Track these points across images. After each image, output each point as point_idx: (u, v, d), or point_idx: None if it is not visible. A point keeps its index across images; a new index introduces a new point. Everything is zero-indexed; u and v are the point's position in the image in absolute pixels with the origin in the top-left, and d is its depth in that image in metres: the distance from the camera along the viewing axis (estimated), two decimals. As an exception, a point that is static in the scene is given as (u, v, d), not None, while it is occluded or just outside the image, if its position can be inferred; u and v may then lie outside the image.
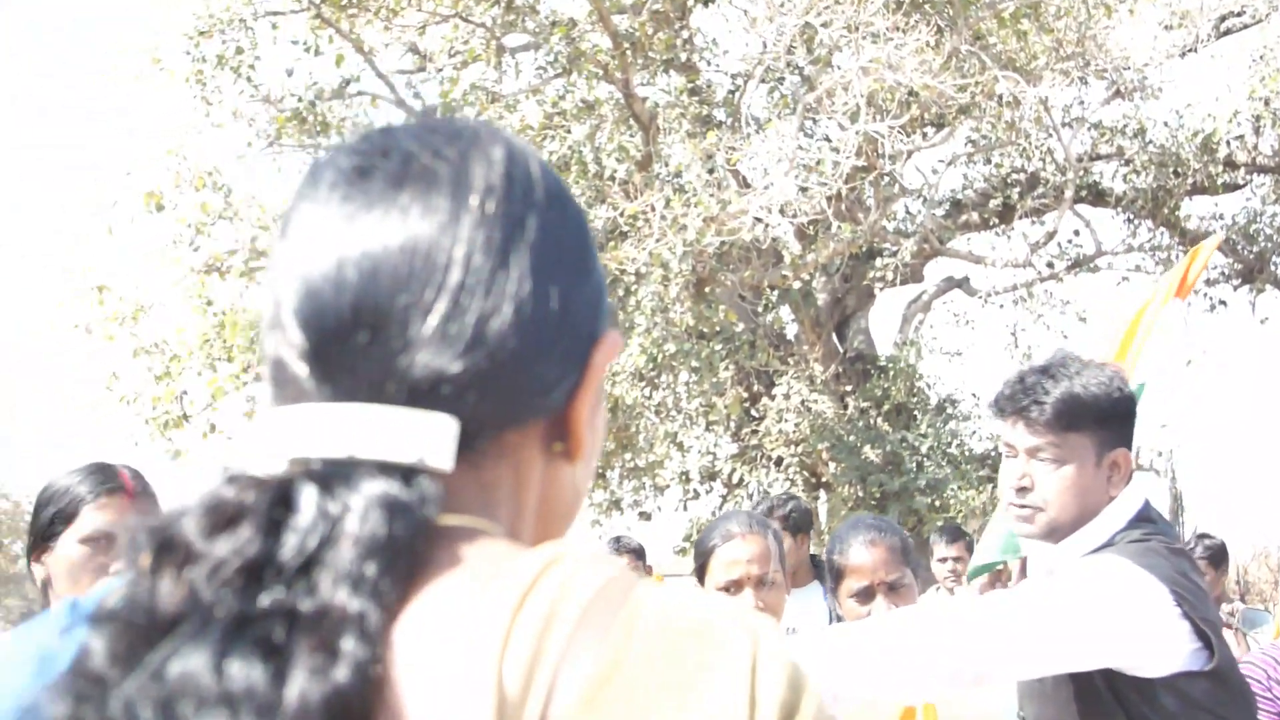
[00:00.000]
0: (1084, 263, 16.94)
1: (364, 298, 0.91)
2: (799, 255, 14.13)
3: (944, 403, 16.88)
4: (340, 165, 0.99)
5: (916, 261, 15.82)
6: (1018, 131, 13.98)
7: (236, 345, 14.60)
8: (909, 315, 17.48)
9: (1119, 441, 2.96)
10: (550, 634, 0.82)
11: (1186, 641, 2.71)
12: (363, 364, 0.90)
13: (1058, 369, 2.97)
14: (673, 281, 12.87)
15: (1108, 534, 2.90)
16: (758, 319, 15.71)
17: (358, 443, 0.88)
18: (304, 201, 0.99)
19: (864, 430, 15.57)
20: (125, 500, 2.72)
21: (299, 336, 0.92)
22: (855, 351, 16.66)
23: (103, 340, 15.20)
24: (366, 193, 0.95)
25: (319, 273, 0.92)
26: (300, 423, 0.90)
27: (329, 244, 0.93)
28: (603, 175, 13.67)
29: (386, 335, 0.90)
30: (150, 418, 15.22)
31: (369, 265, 0.91)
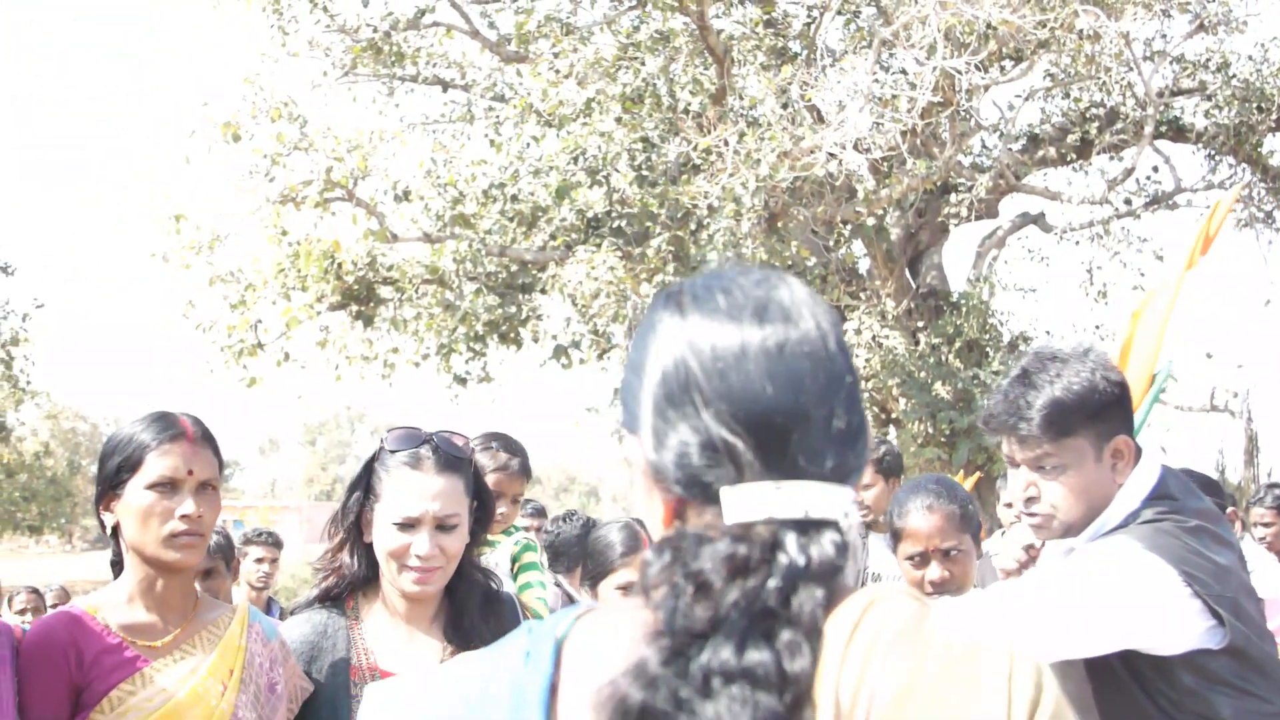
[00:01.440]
0: (1162, 199, 16.71)
1: (795, 410, 1.30)
2: (873, 190, 14.01)
3: (1017, 340, 16.74)
4: (735, 295, 1.37)
5: (991, 197, 15.65)
6: (1097, 66, 13.73)
7: (310, 275, 14.72)
8: (983, 251, 17.33)
9: (1116, 430, 2.94)
10: (871, 659, 1.21)
11: (1198, 620, 2.71)
12: (794, 452, 1.30)
13: (1037, 376, 2.94)
14: (745, 216, 12.82)
15: (1120, 516, 2.90)
16: (830, 254, 15.64)
17: (812, 506, 1.28)
18: (709, 319, 1.36)
19: (935, 367, 15.49)
20: (187, 446, 2.79)
21: (744, 433, 1.29)
22: (928, 287, 16.55)
23: (179, 269, 15.36)
24: (771, 322, 1.34)
25: (758, 387, 1.30)
26: (771, 495, 1.28)
27: (758, 364, 1.31)
28: (676, 109, 13.60)
29: (809, 432, 1.30)
30: (225, 345, 15.41)
31: (795, 384, 1.31)
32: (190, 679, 2.75)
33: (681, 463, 1.32)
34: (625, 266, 13.61)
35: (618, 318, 13.63)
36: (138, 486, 2.78)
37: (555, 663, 1.33)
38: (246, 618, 2.93)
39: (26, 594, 8.11)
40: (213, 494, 2.83)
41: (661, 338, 1.38)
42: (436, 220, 15.29)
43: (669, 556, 1.27)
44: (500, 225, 15.07)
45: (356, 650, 2.97)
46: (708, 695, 1.18)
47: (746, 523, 1.27)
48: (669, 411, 1.34)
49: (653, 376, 1.37)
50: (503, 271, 15.34)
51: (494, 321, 14.95)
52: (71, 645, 2.70)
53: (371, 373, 16.03)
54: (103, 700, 2.67)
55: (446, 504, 2.93)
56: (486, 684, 1.35)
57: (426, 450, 2.96)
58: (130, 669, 2.72)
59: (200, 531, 2.78)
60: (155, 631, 2.80)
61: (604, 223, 14.32)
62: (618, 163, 13.92)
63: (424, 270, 14.96)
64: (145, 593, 2.83)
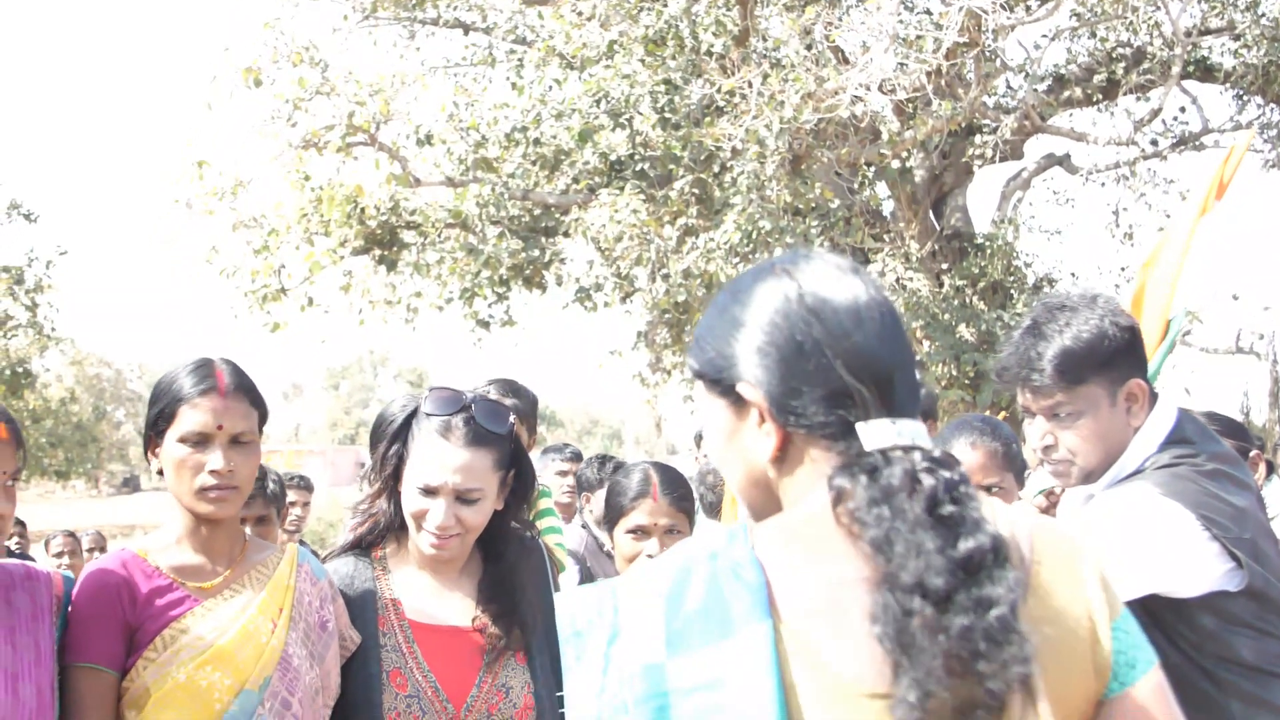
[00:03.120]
0: (1189, 140, 16.52)
1: (898, 362, 1.63)
2: (897, 132, 13.91)
3: (1041, 282, 16.65)
4: (830, 264, 1.70)
5: (1017, 138, 15.52)
6: (1124, 5, 13.59)
7: (333, 220, 14.71)
8: (1008, 193, 17.21)
9: (1129, 374, 2.94)
10: (1019, 544, 1.60)
11: (1217, 562, 2.73)
12: (898, 395, 1.62)
13: (1046, 326, 2.95)
14: (769, 158, 12.75)
15: (1138, 461, 2.91)
16: (854, 196, 15.54)
17: (915, 437, 1.59)
18: (819, 284, 1.66)
19: (959, 309, 15.43)
20: (218, 400, 2.79)
21: (868, 382, 1.60)
22: (952, 229, 16.46)
23: (203, 214, 15.36)
24: (868, 287, 1.67)
25: (875, 345, 1.62)
26: (889, 429, 1.58)
27: (870, 325, 1.62)
28: (699, 50, 13.50)
29: (905, 380, 1.63)
30: (249, 290, 15.43)
31: (895, 342, 1.64)
32: (240, 618, 2.79)
33: (818, 406, 1.60)
34: (648, 209, 13.57)
35: (640, 261, 13.60)
36: (171, 438, 2.81)
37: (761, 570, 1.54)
38: (295, 557, 2.97)
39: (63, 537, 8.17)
40: (247, 447, 2.83)
41: (781, 304, 1.65)
42: (459, 164, 15.23)
43: (861, 476, 1.55)
44: (523, 169, 15.02)
45: (384, 599, 2.99)
46: (968, 571, 1.47)
47: (884, 448, 1.57)
48: (803, 364, 1.61)
49: (773, 334, 1.64)
50: (526, 215, 15.30)
51: (517, 265, 14.93)
52: (125, 586, 2.74)
53: (394, 317, 16.04)
54: (155, 639, 2.71)
55: (469, 478, 2.91)
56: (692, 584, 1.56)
57: (460, 420, 2.95)
58: (181, 609, 2.76)
59: (232, 484, 2.79)
60: (205, 573, 2.84)
61: (627, 166, 14.27)
62: (640, 105, 13.84)
63: (447, 214, 14.93)
64: (192, 535, 2.87)
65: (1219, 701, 2.79)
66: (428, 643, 2.94)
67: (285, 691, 2.75)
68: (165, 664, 2.68)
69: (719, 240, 12.87)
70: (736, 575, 1.52)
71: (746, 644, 1.46)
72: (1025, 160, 17.11)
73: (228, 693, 2.69)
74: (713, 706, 1.45)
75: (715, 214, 13.55)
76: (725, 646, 1.47)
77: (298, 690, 2.77)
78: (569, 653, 1.58)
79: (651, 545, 3.50)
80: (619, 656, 1.52)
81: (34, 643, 2.64)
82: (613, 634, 1.54)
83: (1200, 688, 2.79)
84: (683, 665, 1.48)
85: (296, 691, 2.77)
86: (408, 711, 2.83)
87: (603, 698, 1.51)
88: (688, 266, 13.08)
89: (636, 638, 1.52)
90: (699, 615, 1.50)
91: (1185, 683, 2.81)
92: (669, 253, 13.49)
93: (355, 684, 2.89)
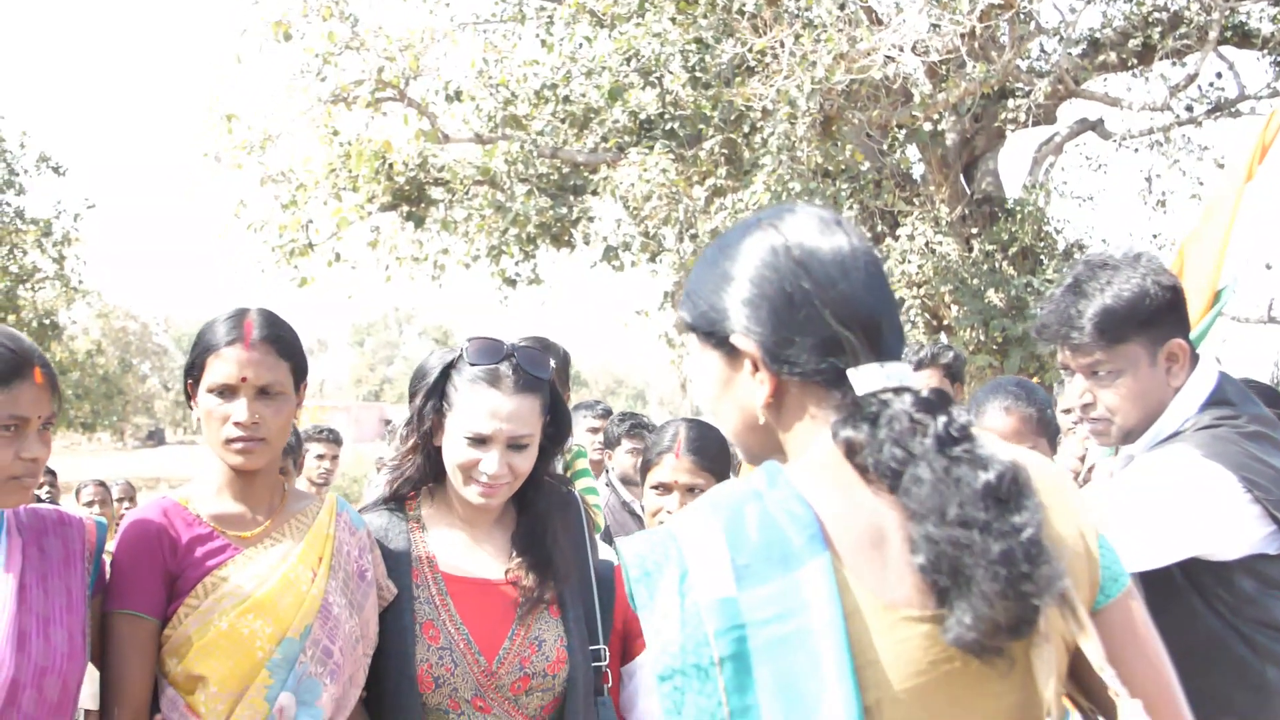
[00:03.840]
0: (1225, 107, 16.35)
1: (884, 310, 1.72)
2: (929, 94, 13.82)
3: (1072, 248, 16.54)
4: (815, 215, 1.78)
5: (1050, 102, 15.39)
6: (1162, -32, 13.45)
7: (361, 175, 14.70)
8: (1040, 157, 17.07)
9: (1170, 333, 2.91)
10: None
11: (1258, 525, 2.71)
12: (884, 341, 1.70)
13: (1087, 284, 2.93)
14: (800, 119, 12.69)
15: (1177, 423, 2.89)
16: (884, 159, 15.44)
17: (903, 379, 1.68)
18: (805, 236, 1.74)
19: (988, 274, 15.35)
20: (243, 351, 2.77)
21: (857, 329, 1.68)
22: (983, 193, 16.35)
23: (231, 168, 15.37)
24: (852, 237, 1.75)
25: (862, 294, 1.71)
26: (878, 372, 1.67)
27: (857, 275, 1.71)
28: (731, 9, 13.42)
29: (891, 326, 1.72)
30: (277, 245, 15.46)
31: (881, 291, 1.73)
32: (280, 566, 2.79)
33: (810, 354, 1.69)
34: (677, 169, 13.52)
35: (669, 220, 13.57)
36: (203, 388, 2.81)
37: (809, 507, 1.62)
38: (334, 506, 2.97)
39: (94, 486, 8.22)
40: (276, 399, 2.80)
41: (770, 257, 1.73)
42: (488, 121, 15.20)
43: (864, 425, 1.65)
44: (552, 126, 14.98)
45: (418, 553, 3.00)
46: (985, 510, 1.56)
47: (875, 391, 1.66)
48: (793, 315, 1.70)
49: (762, 285, 1.72)
50: (554, 173, 15.27)
51: (545, 223, 14.90)
52: (165, 534, 2.75)
53: (421, 274, 16.05)
54: (196, 587, 2.72)
55: (520, 424, 2.91)
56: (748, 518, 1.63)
57: (507, 368, 2.94)
58: (222, 558, 2.77)
59: (259, 436, 2.78)
60: (245, 522, 2.85)
61: (656, 125, 14.21)
62: (671, 64, 13.77)
63: (475, 171, 14.91)
64: (231, 485, 2.87)
65: (1255, 667, 2.78)
66: (461, 595, 2.95)
67: (326, 640, 2.76)
68: (207, 612, 2.70)
69: (748, 201, 12.82)
70: (789, 512, 1.60)
71: (810, 575, 1.55)
72: (1058, 125, 16.97)
73: (270, 641, 2.70)
74: (785, 636, 1.53)
75: (744, 175, 13.49)
76: (791, 579, 1.55)
77: (338, 638, 2.78)
78: (641, 593, 1.63)
79: (671, 502, 3.48)
80: (692, 592, 1.57)
81: (65, 587, 2.65)
82: (682, 572, 1.60)
83: (1237, 653, 2.78)
84: (754, 598, 1.55)
85: (337, 640, 2.78)
86: (440, 663, 2.84)
87: (685, 630, 1.56)
88: (716, 227, 13.03)
89: (705, 574, 1.58)
90: (762, 550, 1.58)
91: (1222, 647, 2.79)
92: (697, 213, 13.45)
93: (389, 636, 2.90)
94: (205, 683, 2.67)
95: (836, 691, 1.50)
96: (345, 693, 2.81)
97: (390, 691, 2.88)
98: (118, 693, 2.69)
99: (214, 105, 15.27)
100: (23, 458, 2.55)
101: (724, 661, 1.53)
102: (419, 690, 2.83)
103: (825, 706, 1.50)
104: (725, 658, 1.53)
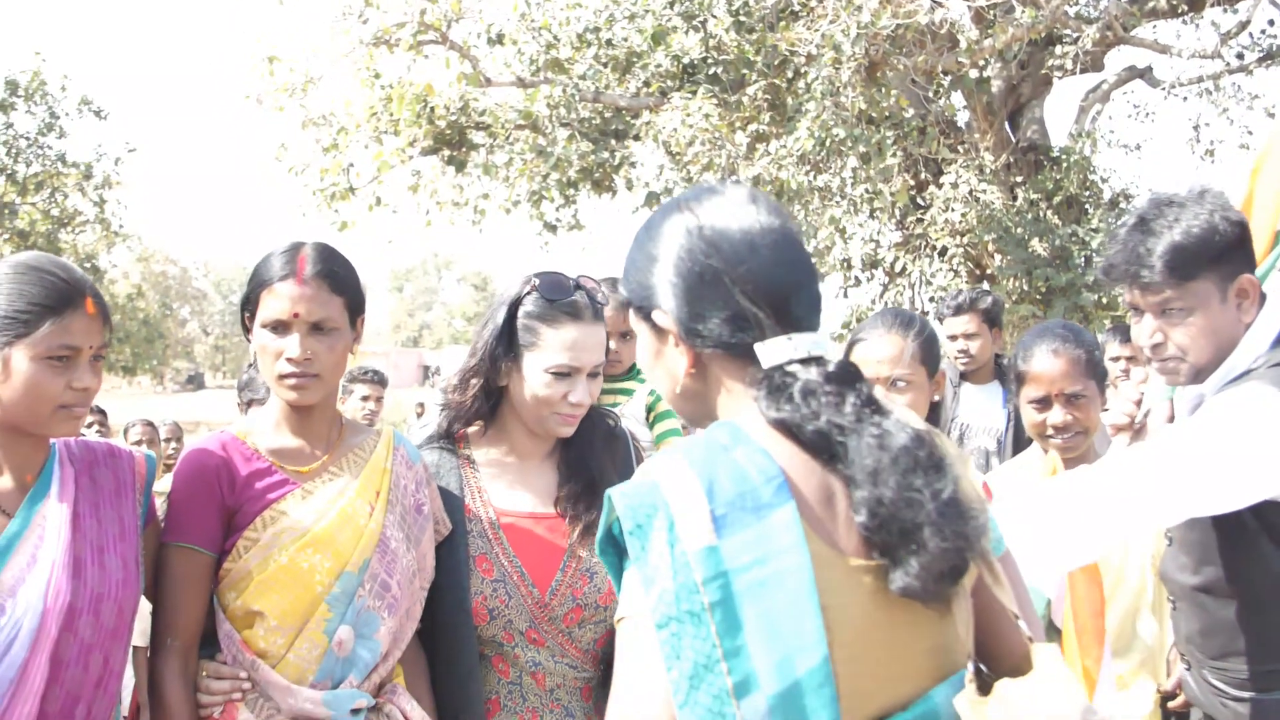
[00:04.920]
0: (1277, 55, 16.13)
1: (794, 285, 1.84)
2: (975, 40, 13.65)
3: (1118, 197, 16.38)
4: (732, 196, 1.91)
5: (1098, 49, 15.20)
6: (1216, -89, 13.23)
7: (403, 119, 14.67)
8: (1086, 105, 16.89)
9: (1240, 269, 2.87)
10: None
11: None
12: (794, 313, 1.83)
13: (1155, 222, 2.88)
14: (844, 65, 12.58)
15: (1249, 360, 2.84)
16: (929, 105, 15.29)
17: (811, 348, 1.81)
18: (720, 217, 1.88)
19: (1032, 223, 15.23)
20: (296, 287, 2.75)
21: (764, 305, 1.81)
22: (1028, 141, 16.19)
23: (273, 111, 15.37)
24: (767, 215, 1.89)
25: (769, 270, 1.83)
26: (785, 345, 1.80)
27: (766, 253, 1.84)
28: (776, -49, 13.30)
29: (802, 300, 1.85)
30: (318, 189, 15.48)
31: (792, 266, 1.86)
32: (338, 500, 2.79)
33: (720, 329, 1.83)
34: (720, 114, 13.43)
35: (711, 166, 13.50)
36: (257, 323, 2.80)
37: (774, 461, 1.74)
38: (391, 441, 2.97)
39: (142, 426, 8.28)
40: (330, 335, 2.78)
41: (685, 240, 1.87)
42: (530, 64, 15.14)
43: (787, 402, 1.77)
44: (594, 70, 14.91)
45: (470, 489, 3.01)
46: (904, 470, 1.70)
47: (780, 364, 1.80)
48: (706, 295, 1.83)
49: (680, 268, 1.86)
50: (596, 117, 15.20)
51: (587, 168, 14.85)
52: (224, 468, 2.76)
53: (461, 219, 16.04)
54: (255, 521, 2.73)
55: (600, 353, 2.99)
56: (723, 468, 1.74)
57: (583, 298, 2.97)
58: (280, 492, 2.77)
59: (312, 373, 2.76)
60: (303, 456, 2.85)
61: (700, 69, 14.12)
62: (714, 7, 13.67)
63: (516, 115, 14.86)
64: (289, 419, 2.87)
65: None
66: (513, 529, 2.96)
67: (384, 573, 2.77)
68: (266, 547, 2.70)
69: (791, 147, 12.73)
70: (756, 465, 1.73)
71: (780, 522, 1.68)
72: (1105, 72, 16.80)
73: (328, 575, 2.70)
74: (764, 579, 1.66)
75: (788, 120, 13.39)
76: (763, 526, 1.68)
77: (396, 572, 2.79)
78: (634, 544, 1.71)
79: None
80: (680, 543, 1.68)
81: (118, 517, 2.67)
82: (669, 523, 1.69)
83: None
84: (733, 546, 1.67)
85: (395, 573, 2.78)
86: (494, 595, 2.86)
87: (677, 580, 1.66)
88: (759, 173, 12.95)
89: (690, 525, 1.68)
90: (736, 500, 1.70)
91: None
92: (740, 159, 13.37)
93: (443, 570, 2.91)
94: (264, 617, 2.68)
95: (810, 631, 1.64)
96: (402, 626, 2.82)
97: (446, 624, 2.89)
98: (171, 625, 2.71)
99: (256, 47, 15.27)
100: (74, 387, 2.55)
101: (714, 607, 1.64)
102: (474, 623, 2.86)
103: (802, 645, 1.63)
104: (714, 603, 1.64)
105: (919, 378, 3.48)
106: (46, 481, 2.61)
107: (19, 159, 26.55)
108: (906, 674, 1.73)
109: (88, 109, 27.32)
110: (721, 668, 1.63)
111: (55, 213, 26.88)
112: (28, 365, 2.50)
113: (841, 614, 1.66)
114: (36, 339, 2.50)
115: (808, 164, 13.59)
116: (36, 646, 2.42)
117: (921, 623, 1.74)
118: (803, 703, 1.62)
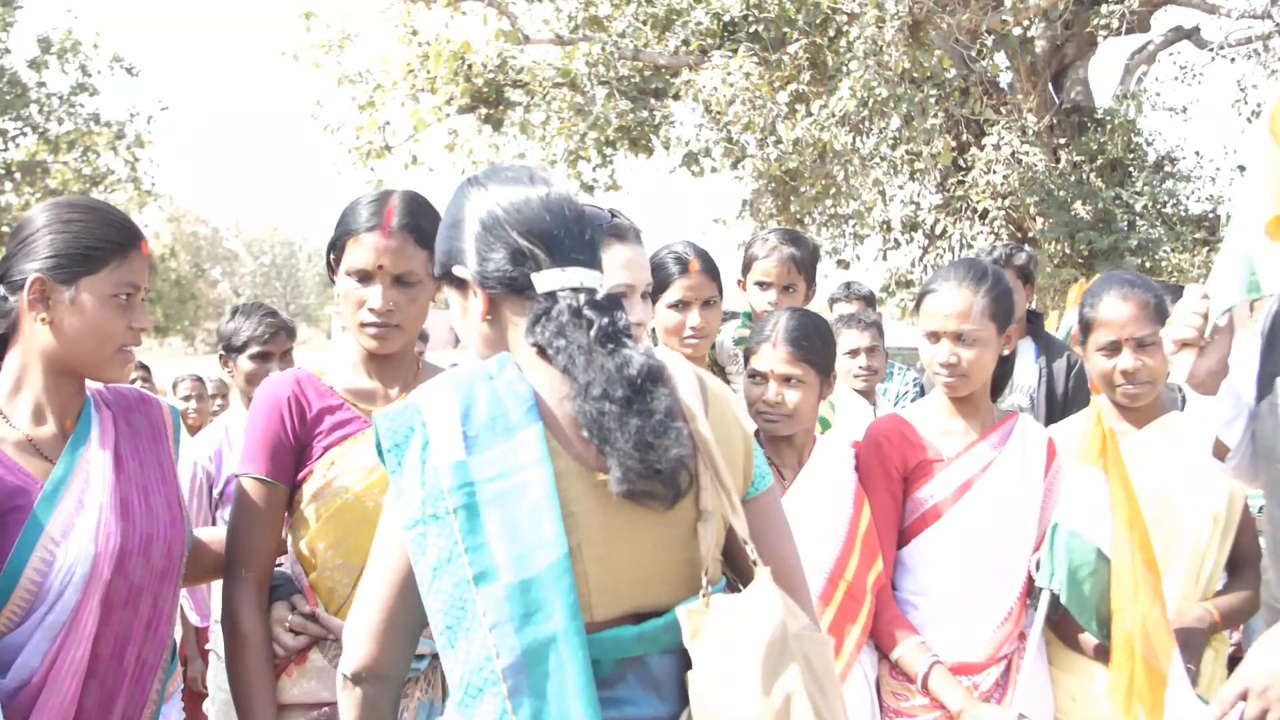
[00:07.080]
0: (1329, 15, 15.90)
1: (562, 226, 2.11)
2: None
3: (1163, 160, 16.22)
4: (512, 172, 2.21)
5: (1144, 9, 15.01)
6: None
7: (440, 76, 14.57)
8: (1132, 66, 16.70)
9: None
10: (689, 379, 2.14)
11: None
12: (566, 251, 2.09)
13: None
14: (887, 23, 12.45)
15: None
16: (972, 65, 15.10)
17: (583, 280, 2.07)
18: (503, 185, 2.16)
19: (1075, 185, 15.07)
20: (380, 239, 2.75)
21: (538, 242, 2.08)
22: (1072, 103, 16.02)
23: (309, 67, 15.29)
24: (538, 183, 2.16)
25: (540, 215, 2.11)
26: (559, 275, 2.06)
27: (539, 205, 2.12)
28: (820, -94, 13.13)
29: (573, 240, 2.10)
30: (353, 147, 15.42)
31: (559, 213, 2.12)
32: None
33: (502, 267, 2.09)
34: (761, 73, 13.30)
35: (750, 126, 13.36)
36: (341, 270, 2.81)
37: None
38: None
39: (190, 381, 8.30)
40: (413, 287, 2.79)
41: (475, 201, 2.16)
42: (569, 21, 15.03)
43: (544, 326, 2.02)
44: (634, 28, 14.79)
45: None
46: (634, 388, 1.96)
47: (552, 290, 2.05)
48: (490, 239, 2.11)
49: (473, 225, 2.14)
50: (635, 76, 15.06)
51: (625, 127, 14.70)
52: (296, 402, 2.77)
53: (498, 178, 15.91)
54: (324, 456, 2.74)
55: (649, 271, 3.05)
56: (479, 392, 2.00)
57: (626, 219, 2.99)
58: (350, 429, 2.78)
59: (393, 324, 2.77)
60: (377, 396, 2.85)
61: (740, 27, 13.98)
62: (756, -36, 13.52)
63: (555, 73, 14.73)
64: (365, 362, 2.87)
65: None
66: None
67: (450, 514, 2.75)
68: (334, 482, 2.71)
69: (833, 107, 12.59)
70: (512, 390, 2.00)
71: (525, 441, 1.94)
72: (1151, 33, 16.59)
73: None
74: (507, 490, 1.91)
75: (829, 80, 13.24)
76: (510, 444, 1.95)
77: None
78: (391, 461, 1.99)
79: (768, 391, 3.49)
80: (431, 458, 1.94)
81: (157, 460, 2.70)
82: (424, 442, 1.96)
83: None
84: (480, 461, 1.93)
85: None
86: None
87: (425, 489, 1.93)
88: (799, 136, 12.82)
89: (442, 443, 1.95)
90: (488, 422, 1.96)
91: None
92: (780, 119, 13.24)
93: None
94: (330, 555, 2.71)
95: (549, 532, 1.89)
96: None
97: None
98: (244, 557, 2.74)
99: (293, 3, 15.18)
100: (133, 327, 2.59)
101: (457, 510, 1.91)
102: None
103: (541, 544, 1.89)
104: (458, 507, 1.91)
105: (986, 333, 3.45)
106: (86, 426, 2.62)
107: (51, 117, 26.55)
108: (660, 579, 2.01)
109: (119, 66, 27.31)
110: (463, 560, 1.89)
111: (87, 172, 26.87)
112: (96, 303, 2.51)
113: (586, 519, 1.94)
114: (104, 277, 2.52)
115: (849, 125, 13.45)
116: (89, 590, 2.45)
117: (672, 535, 2.02)
118: (541, 593, 1.88)
